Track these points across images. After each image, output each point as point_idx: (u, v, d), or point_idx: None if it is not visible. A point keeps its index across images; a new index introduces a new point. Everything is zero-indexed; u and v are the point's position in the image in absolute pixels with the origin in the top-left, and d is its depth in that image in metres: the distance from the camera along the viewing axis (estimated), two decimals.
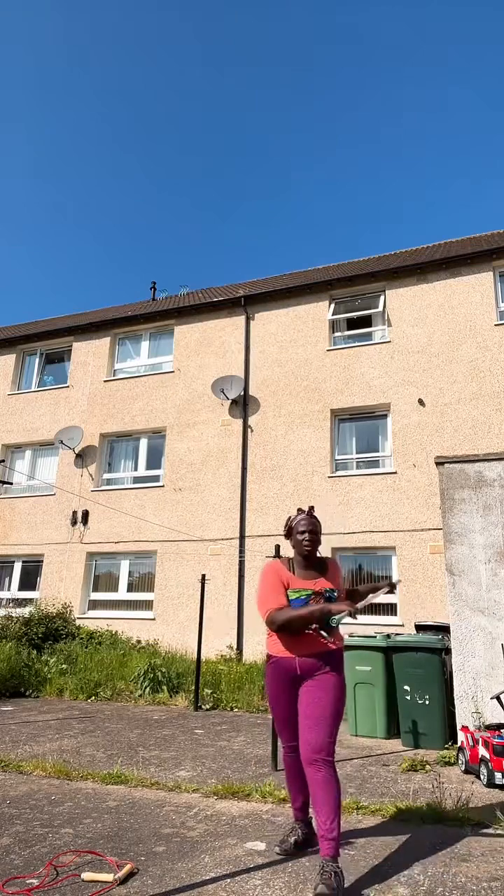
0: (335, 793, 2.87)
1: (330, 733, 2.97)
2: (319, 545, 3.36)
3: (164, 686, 9.24)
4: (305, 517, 3.37)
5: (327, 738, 2.95)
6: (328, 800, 2.84)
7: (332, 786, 2.87)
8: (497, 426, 10.78)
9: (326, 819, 2.81)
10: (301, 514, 3.39)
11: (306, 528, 3.31)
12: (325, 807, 2.83)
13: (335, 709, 3.04)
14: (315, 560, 3.35)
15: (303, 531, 3.31)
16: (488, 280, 11.69)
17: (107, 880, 2.86)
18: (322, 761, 2.91)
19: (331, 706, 3.02)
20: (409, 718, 6.18)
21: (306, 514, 3.39)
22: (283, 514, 11.73)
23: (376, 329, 12.60)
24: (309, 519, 3.35)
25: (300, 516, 3.39)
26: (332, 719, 3.00)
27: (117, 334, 15.02)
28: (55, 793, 4.39)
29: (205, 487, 12.62)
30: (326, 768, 2.90)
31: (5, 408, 15.31)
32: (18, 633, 11.00)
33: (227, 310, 13.74)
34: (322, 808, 2.83)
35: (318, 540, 3.34)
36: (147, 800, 4.23)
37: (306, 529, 3.31)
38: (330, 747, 2.95)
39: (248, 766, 5.25)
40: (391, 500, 11.14)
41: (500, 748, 4.55)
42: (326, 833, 2.79)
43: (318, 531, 3.36)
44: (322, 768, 2.90)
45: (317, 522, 3.37)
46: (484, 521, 6.04)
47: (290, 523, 3.42)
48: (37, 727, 6.96)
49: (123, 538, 12.93)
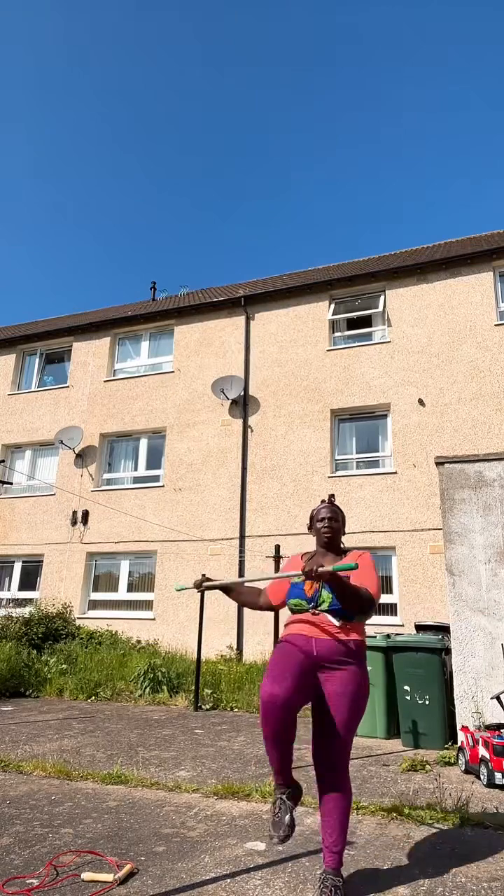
0: (347, 810, 2.76)
1: (345, 740, 2.79)
2: (342, 535, 3.23)
3: (164, 686, 9.24)
4: (326, 505, 3.26)
5: (342, 747, 2.78)
6: (337, 814, 2.74)
7: (343, 800, 2.76)
8: (497, 426, 10.78)
9: (333, 832, 2.72)
10: (322, 504, 3.29)
11: (326, 514, 3.20)
12: (335, 822, 2.73)
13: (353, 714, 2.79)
14: (336, 549, 3.20)
15: (322, 517, 3.20)
16: (488, 280, 11.70)
17: (107, 880, 2.85)
18: (336, 771, 2.78)
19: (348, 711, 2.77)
20: (409, 718, 6.18)
21: (328, 503, 3.28)
22: (284, 514, 11.74)
23: (376, 329, 12.60)
24: (330, 507, 3.24)
25: (321, 505, 3.28)
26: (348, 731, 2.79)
27: (117, 334, 15.03)
28: (55, 793, 4.39)
29: (205, 487, 12.62)
30: (339, 778, 2.78)
31: (5, 408, 15.32)
32: (18, 633, 11.01)
33: (227, 310, 13.74)
34: (331, 822, 2.73)
35: (340, 528, 3.21)
36: (147, 800, 4.23)
37: (326, 516, 3.19)
38: (344, 756, 2.80)
39: (248, 766, 5.25)
40: (391, 500, 11.14)
41: (500, 748, 4.55)
42: (332, 846, 2.72)
43: (340, 519, 3.23)
44: (335, 779, 2.78)
45: (338, 510, 3.25)
46: (484, 521, 6.04)
47: (312, 513, 3.31)
48: (37, 727, 6.96)
49: (123, 538, 12.93)
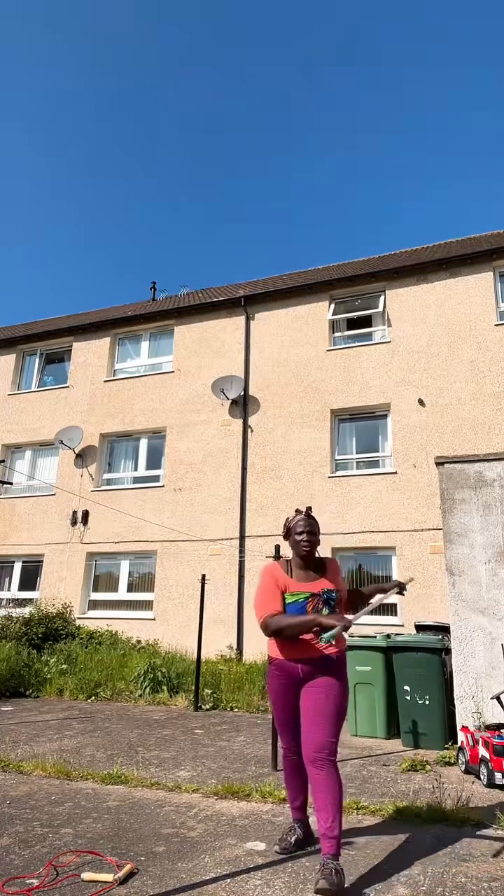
0: (337, 792, 2.87)
1: (332, 733, 2.97)
2: (318, 546, 3.33)
3: (164, 686, 9.23)
4: (303, 518, 3.33)
5: (329, 738, 2.95)
6: (329, 799, 2.83)
7: (333, 785, 2.87)
8: (497, 426, 10.78)
9: (328, 818, 2.81)
10: (299, 515, 3.35)
11: (304, 528, 3.28)
12: (327, 806, 2.82)
13: (337, 709, 3.03)
14: (314, 561, 3.32)
15: (301, 531, 3.28)
16: (488, 280, 11.69)
17: (107, 880, 2.85)
18: (324, 760, 2.91)
19: (332, 706, 3.02)
20: (409, 718, 6.18)
21: (304, 515, 3.34)
22: (283, 514, 11.73)
23: (376, 329, 12.60)
24: (307, 520, 3.31)
25: (298, 517, 3.35)
26: (333, 719, 3.00)
27: (117, 334, 15.02)
28: (55, 793, 4.39)
29: (205, 488, 12.62)
30: (328, 767, 2.90)
31: (5, 408, 15.31)
32: (18, 633, 11.00)
33: (227, 310, 13.73)
34: (323, 806, 2.83)
35: (317, 541, 3.31)
36: (147, 800, 4.23)
37: (304, 530, 3.27)
38: (332, 746, 2.96)
39: (248, 766, 5.25)
40: (391, 500, 11.14)
41: (500, 748, 4.56)
42: (327, 832, 2.79)
43: (317, 532, 3.33)
44: (324, 767, 2.90)
45: (314, 523, 3.34)
46: (484, 521, 6.04)
47: (287, 524, 3.39)
48: (37, 727, 6.96)
49: (123, 538, 12.93)
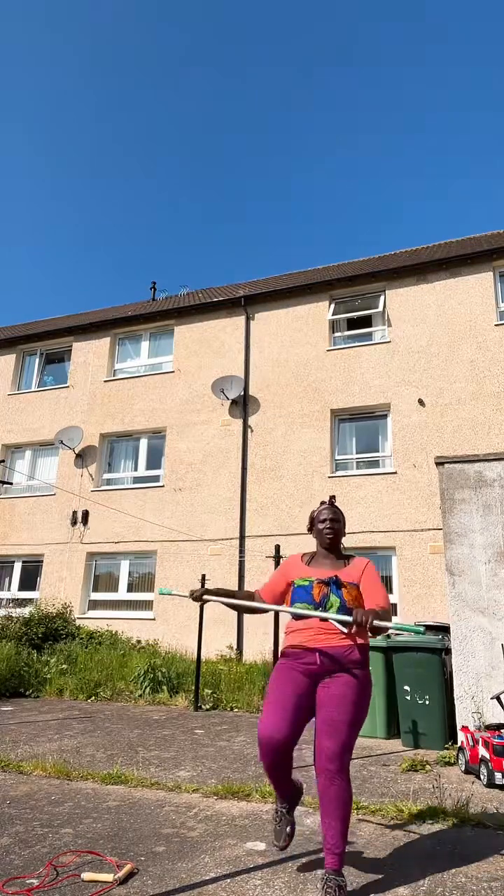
0: (347, 808, 2.71)
1: (347, 742, 2.75)
2: (343, 536, 3.21)
3: (164, 686, 9.23)
4: (327, 507, 3.23)
5: (344, 747, 2.74)
6: (338, 814, 2.69)
7: (343, 800, 2.70)
8: (497, 426, 10.78)
9: (335, 834, 2.67)
10: (323, 506, 3.26)
11: (328, 515, 3.18)
12: (335, 821, 2.68)
13: (356, 715, 2.79)
14: (338, 552, 3.19)
15: (324, 519, 3.18)
16: (488, 280, 11.69)
17: (107, 880, 2.85)
18: (336, 772, 2.71)
19: (352, 711, 2.78)
20: (409, 718, 6.18)
21: (328, 504, 3.25)
22: (283, 514, 11.74)
23: (376, 329, 12.60)
24: (331, 508, 3.23)
25: (322, 507, 3.25)
26: (351, 727, 2.77)
27: (117, 334, 15.02)
28: (55, 793, 4.39)
29: (205, 487, 12.62)
30: (340, 780, 2.71)
31: (5, 408, 15.31)
32: (18, 633, 11.00)
33: (227, 310, 13.73)
34: (331, 821, 2.69)
35: (341, 530, 3.19)
36: (147, 800, 4.23)
37: (328, 517, 3.17)
38: (346, 757, 2.75)
39: (248, 766, 5.24)
40: (391, 500, 11.14)
41: (500, 748, 4.55)
42: (333, 847, 2.67)
43: (341, 521, 3.22)
44: (335, 780, 2.71)
45: (339, 512, 3.23)
46: (484, 521, 6.04)
47: (312, 514, 3.29)
48: (37, 727, 6.96)
49: (123, 538, 12.93)
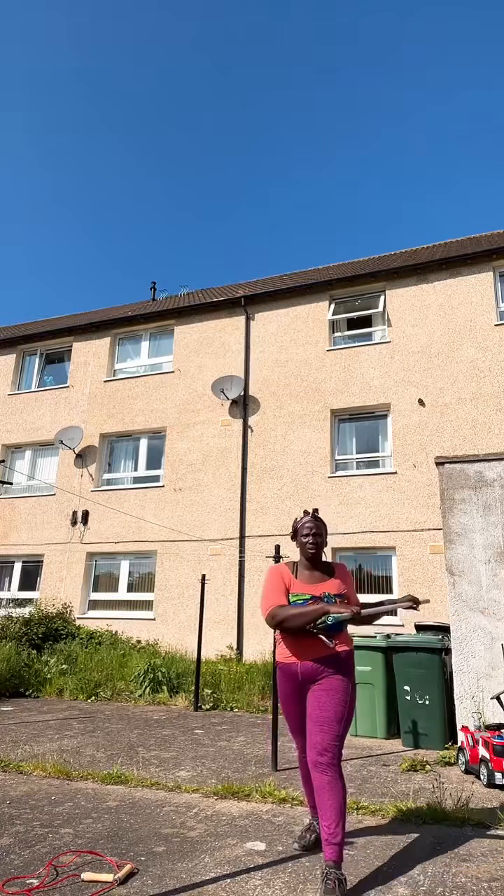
0: (340, 797, 2.81)
1: (335, 736, 2.91)
2: (324, 547, 3.31)
3: (164, 686, 9.24)
4: (310, 519, 3.32)
5: (333, 741, 2.89)
6: (332, 804, 2.79)
7: (336, 790, 2.82)
8: (497, 426, 10.78)
9: (331, 823, 2.76)
10: (306, 517, 3.35)
11: (310, 530, 3.27)
12: (329, 811, 2.78)
13: (341, 712, 2.97)
14: (321, 563, 3.30)
15: (307, 534, 3.27)
16: (488, 280, 11.69)
17: (107, 880, 2.85)
18: (327, 764, 2.86)
19: (337, 709, 2.95)
20: (409, 718, 6.18)
21: (311, 517, 3.33)
22: (283, 514, 11.73)
23: (376, 329, 12.60)
24: (314, 521, 3.31)
25: (305, 519, 3.34)
26: (337, 723, 2.93)
27: (117, 334, 15.02)
28: (55, 793, 4.39)
29: (205, 487, 12.62)
30: (331, 771, 2.85)
31: (5, 408, 15.31)
32: (18, 634, 11.00)
33: (227, 310, 13.73)
34: (326, 812, 2.79)
35: (323, 542, 3.30)
36: (147, 800, 4.23)
37: (310, 532, 3.26)
38: (335, 750, 2.90)
39: (248, 766, 5.25)
40: (391, 501, 11.14)
41: (500, 748, 4.56)
42: (330, 838, 2.75)
43: (323, 534, 3.32)
44: (327, 772, 2.85)
45: (322, 525, 3.33)
46: (484, 521, 6.04)
47: (295, 525, 3.38)
48: (37, 727, 6.96)
49: (123, 538, 12.93)
